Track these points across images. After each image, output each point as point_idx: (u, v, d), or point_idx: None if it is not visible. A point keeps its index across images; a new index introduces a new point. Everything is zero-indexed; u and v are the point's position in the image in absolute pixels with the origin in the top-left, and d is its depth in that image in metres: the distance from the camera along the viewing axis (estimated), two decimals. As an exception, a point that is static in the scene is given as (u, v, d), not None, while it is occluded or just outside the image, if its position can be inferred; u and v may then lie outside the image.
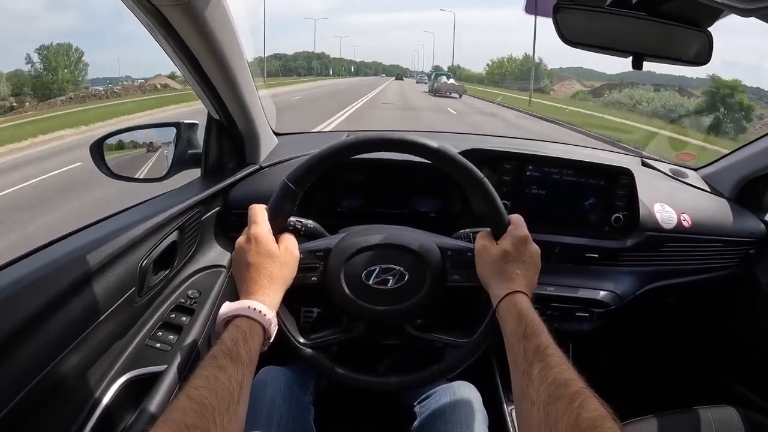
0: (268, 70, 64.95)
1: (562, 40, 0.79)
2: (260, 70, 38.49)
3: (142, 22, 0.85)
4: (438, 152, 0.85)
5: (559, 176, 1.26)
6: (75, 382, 0.79)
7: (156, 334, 0.97)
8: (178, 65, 0.99)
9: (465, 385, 1.01)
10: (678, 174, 1.57)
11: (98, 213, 0.97)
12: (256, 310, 0.72)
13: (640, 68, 0.84)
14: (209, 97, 1.10)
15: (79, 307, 0.76)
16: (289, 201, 0.85)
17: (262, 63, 57.11)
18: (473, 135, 1.79)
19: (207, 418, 0.55)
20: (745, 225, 1.40)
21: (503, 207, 0.85)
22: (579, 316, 1.24)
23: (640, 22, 0.78)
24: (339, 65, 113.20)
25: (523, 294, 0.76)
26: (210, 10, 0.85)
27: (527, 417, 0.60)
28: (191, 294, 1.05)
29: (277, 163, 1.32)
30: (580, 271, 1.28)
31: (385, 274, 0.88)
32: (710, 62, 0.82)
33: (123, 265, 0.85)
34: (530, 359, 0.65)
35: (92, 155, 1.08)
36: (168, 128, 1.19)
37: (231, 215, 1.21)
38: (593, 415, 0.53)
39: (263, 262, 0.78)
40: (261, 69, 52.14)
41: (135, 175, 1.16)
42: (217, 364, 0.62)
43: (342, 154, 0.87)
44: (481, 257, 0.84)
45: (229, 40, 0.97)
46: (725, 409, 1.12)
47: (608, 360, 1.59)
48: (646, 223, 1.28)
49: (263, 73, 53.87)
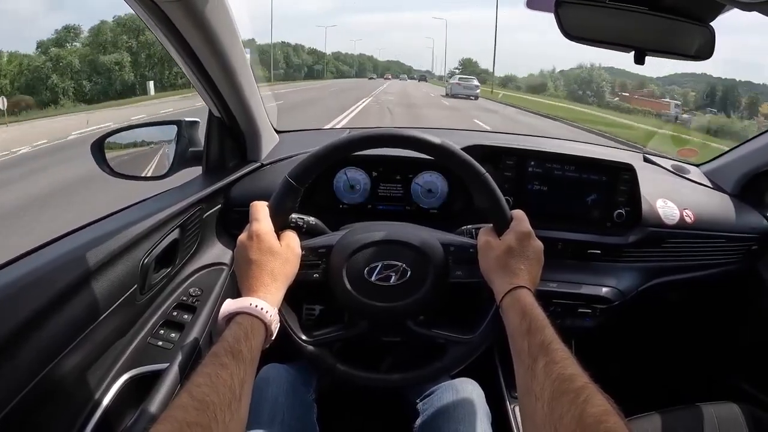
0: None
1: (564, 35, 0.79)
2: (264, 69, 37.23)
3: (143, 19, 0.85)
4: (440, 148, 0.85)
5: (561, 172, 1.26)
6: (77, 380, 0.79)
7: (158, 332, 0.96)
8: (180, 62, 0.99)
9: (468, 382, 1.01)
10: (680, 170, 1.57)
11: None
12: (258, 307, 0.72)
13: (642, 63, 0.83)
14: (210, 95, 1.10)
15: (81, 306, 0.76)
16: (290, 198, 0.85)
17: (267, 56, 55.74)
18: (475, 131, 1.79)
19: (208, 415, 0.55)
20: (747, 221, 1.39)
21: (506, 203, 0.85)
22: (581, 312, 1.23)
23: (642, 17, 0.78)
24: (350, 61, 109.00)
25: (527, 289, 0.76)
26: (210, 8, 0.85)
27: (531, 412, 0.60)
28: (193, 292, 1.05)
29: (278, 161, 1.32)
30: (582, 267, 1.27)
31: (388, 270, 0.88)
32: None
33: (124, 263, 0.85)
34: (534, 354, 0.64)
35: (93, 154, 1.07)
36: (169, 126, 1.19)
37: (232, 213, 1.21)
38: (598, 410, 0.53)
39: (265, 259, 0.78)
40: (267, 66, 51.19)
41: (136, 173, 1.16)
42: (219, 362, 0.62)
43: (343, 150, 0.87)
44: (484, 253, 0.84)
45: (229, 38, 0.96)
46: (728, 405, 1.11)
47: (610, 356, 1.59)
48: (649, 219, 1.28)
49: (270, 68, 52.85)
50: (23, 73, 26.84)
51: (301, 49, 79.68)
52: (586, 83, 43.49)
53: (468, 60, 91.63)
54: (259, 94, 1.22)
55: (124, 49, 29.84)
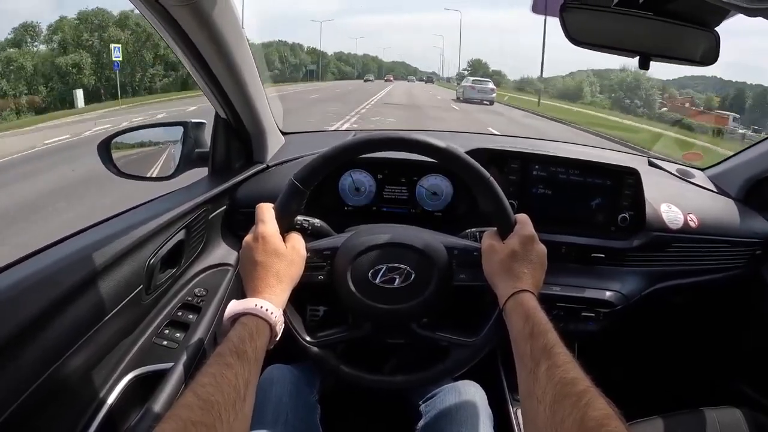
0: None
1: (569, 40, 0.80)
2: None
3: (150, 21, 0.86)
4: (445, 152, 0.85)
5: (565, 176, 1.26)
6: (82, 379, 0.79)
7: (163, 332, 0.97)
8: (186, 64, 1.00)
9: (470, 385, 1.01)
10: (685, 174, 1.56)
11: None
12: (263, 308, 0.72)
13: (647, 68, 0.84)
14: (217, 96, 1.10)
15: (87, 305, 0.77)
16: (296, 200, 0.85)
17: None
18: (480, 134, 1.80)
19: (213, 415, 0.55)
20: (751, 226, 1.39)
21: (510, 206, 0.85)
22: (585, 316, 1.23)
23: (647, 22, 0.78)
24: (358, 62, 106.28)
25: (530, 293, 0.76)
26: (218, 10, 0.86)
27: (533, 415, 0.60)
28: (198, 292, 1.05)
29: (284, 162, 1.33)
30: (586, 271, 1.27)
31: (392, 273, 0.88)
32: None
33: (130, 264, 0.86)
34: (537, 358, 0.65)
35: (100, 154, 1.08)
36: (175, 127, 1.20)
37: (238, 214, 1.22)
38: (600, 414, 0.53)
39: (270, 260, 0.78)
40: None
41: (142, 173, 1.17)
42: (224, 362, 0.63)
43: (349, 153, 0.87)
44: (488, 256, 0.84)
45: (236, 40, 0.97)
46: (731, 410, 1.11)
47: (613, 360, 1.59)
48: (653, 223, 1.28)
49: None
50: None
51: (299, 49, 74.38)
52: (631, 90, 34.32)
53: (477, 61, 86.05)
54: (266, 95, 1.23)
55: (85, 48, 25.19)
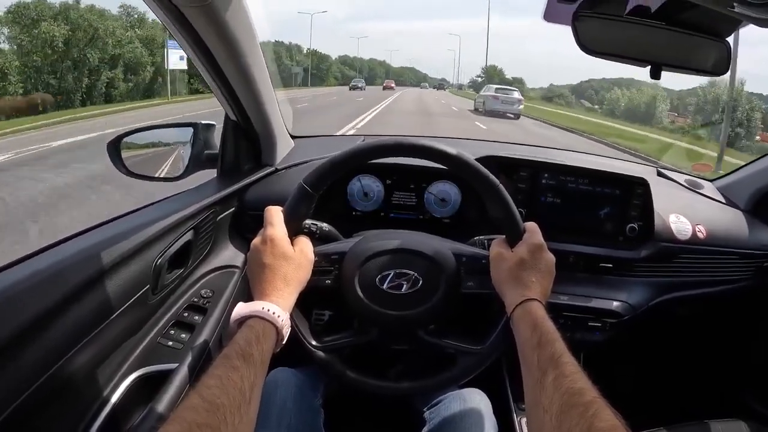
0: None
1: (581, 49, 0.79)
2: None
3: (162, 21, 0.86)
4: (455, 158, 0.85)
5: (574, 185, 1.26)
6: (86, 378, 0.79)
7: (168, 332, 0.97)
8: (197, 65, 1.00)
9: (475, 392, 1.00)
10: (694, 185, 1.56)
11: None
12: (270, 311, 0.72)
13: (658, 78, 0.83)
14: (227, 98, 1.11)
15: (93, 304, 0.77)
16: (305, 204, 0.85)
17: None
18: (490, 142, 1.79)
19: (218, 417, 0.55)
20: (760, 237, 1.38)
21: (519, 214, 0.85)
22: (591, 325, 1.22)
23: (659, 32, 0.78)
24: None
25: (538, 302, 0.76)
26: (231, 12, 0.86)
27: (539, 425, 0.60)
28: (204, 293, 1.05)
29: (293, 166, 1.33)
30: (593, 280, 1.27)
31: (400, 279, 0.88)
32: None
33: (137, 263, 0.86)
34: (544, 368, 0.64)
35: (109, 153, 1.09)
36: (185, 128, 1.20)
37: (246, 216, 1.22)
38: (606, 425, 0.53)
39: (278, 263, 0.79)
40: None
41: (151, 173, 1.18)
42: (230, 364, 0.63)
43: (359, 158, 0.87)
44: (496, 264, 0.84)
45: (249, 43, 0.97)
46: (736, 423, 1.10)
47: (620, 371, 1.58)
48: (661, 234, 1.27)
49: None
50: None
51: (297, 50, 69.92)
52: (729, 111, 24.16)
53: (492, 67, 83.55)
54: (276, 98, 1.23)
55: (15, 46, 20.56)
